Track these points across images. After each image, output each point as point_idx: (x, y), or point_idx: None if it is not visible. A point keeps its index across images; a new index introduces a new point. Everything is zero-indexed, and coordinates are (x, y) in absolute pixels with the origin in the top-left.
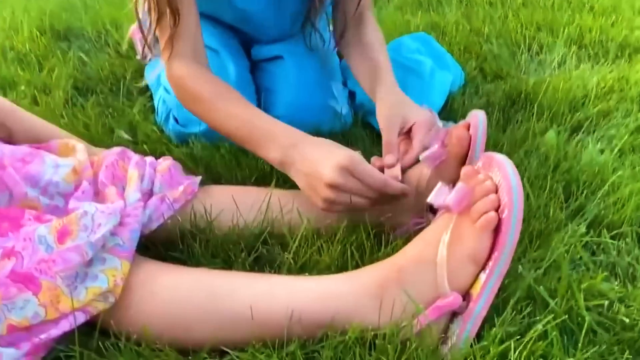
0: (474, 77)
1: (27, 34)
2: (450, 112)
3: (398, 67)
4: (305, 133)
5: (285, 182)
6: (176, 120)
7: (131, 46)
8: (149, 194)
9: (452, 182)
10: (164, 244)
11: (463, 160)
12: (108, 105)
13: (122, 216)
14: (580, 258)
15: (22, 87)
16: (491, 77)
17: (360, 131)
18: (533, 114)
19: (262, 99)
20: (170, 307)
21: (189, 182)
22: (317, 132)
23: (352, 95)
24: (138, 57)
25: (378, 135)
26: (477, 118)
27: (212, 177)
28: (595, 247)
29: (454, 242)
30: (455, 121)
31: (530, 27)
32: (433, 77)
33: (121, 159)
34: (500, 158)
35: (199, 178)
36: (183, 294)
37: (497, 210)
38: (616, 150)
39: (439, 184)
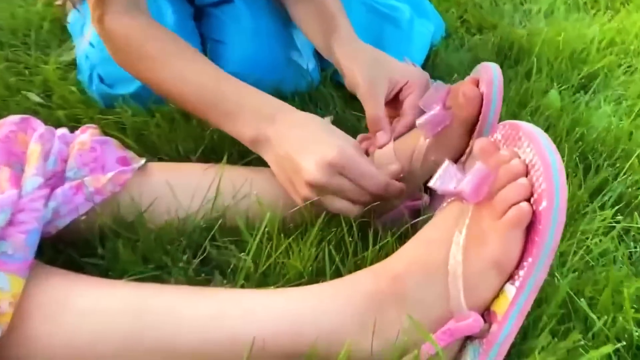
0: (456, 28)
1: None
2: (433, 68)
3: (372, 13)
4: (287, 105)
5: (242, 157)
6: (101, 79)
7: None
8: (58, 179)
9: (457, 155)
10: (77, 246)
11: (471, 127)
12: (18, 60)
13: (13, 211)
14: (616, 250)
15: None
16: (475, 29)
17: (330, 91)
18: (530, 71)
19: (207, 52)
20: (83, 340)
21: (122, 170)
22: (278, 93)
23: None
24: (60, 1)
25: (353, 97)
26: (490, 71)
27: (146, 151)
28: (624, 234)
29: (471, 244)
30: (442, 80)
31: None
32: (412, 27)
33: (22, 130)
34: (530, 128)
35: (140, 161)
36: (101, 322)
37: (529, 200)
38: (632, 113)
39: (446, 163)
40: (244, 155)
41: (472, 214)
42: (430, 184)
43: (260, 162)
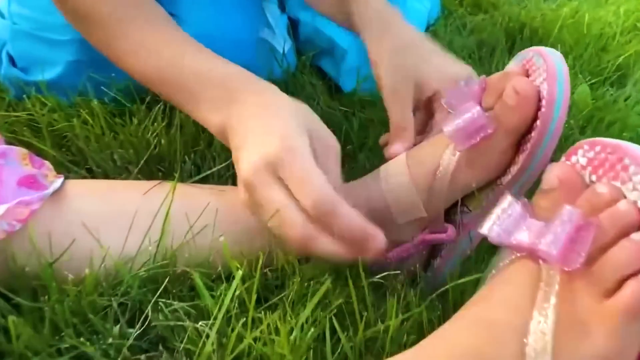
0: (451, 4)
1: None
2: None
3: None
4: (258, 80)
5: (201, 169)
6: (12, 60)
7: None
8: None
9: (495, 177)
10: None
11: (521, 138)
12: None
13: None
14: None
15: None
16: (471, 6)
17: (309, 79)
18: None
19: None
20: None
21: (23, 200)
22: None
23: (293, 27)
24: None
25: (336, 88)
26: (551, 59)
27: (69, 161)
28: None
29: (563, 336)
30: None
31: None
32: (405, 2)
33: None
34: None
35: (54, 184)
36: None
37: None
38: None
39: (508, 199)
40: (204, 165)
41: (560, 287)
42: (483, 229)
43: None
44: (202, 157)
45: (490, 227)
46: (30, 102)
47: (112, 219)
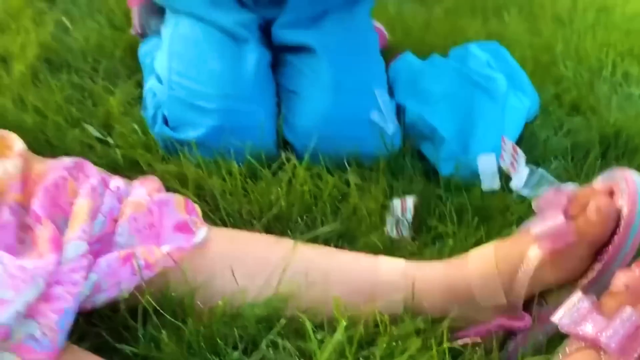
0: (550, 104)
1: None
2: (528, 150)
3: (466, 82)
4: None
5: (311, 227)
6: (166, 121)
7: (127, 16)
8: (105, 243)
9: (572, 279)
10: (112, 325)
11: (599, 247)
12: (83, 88)
13: (49, 282)
14: None
15: None
16: (568, 108)
17: (412, 162)
18: None
19: (283, 103)
20: None
21: (180, 247)
22: (355, 155)
23: (399, 111)
24: (133, 32)
25: (436, 173)
26: (633, 183)
27: (207, 206)
28: None
29: None
30: (538, 166)
31: (609, 49)
32: (507, 100)
33: (73, 177)
34: None
35: (201, 232)
36: None
37: None
38: None
39: (578, 295)
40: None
41: None
42: (555, 318)
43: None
44: (312, 219)
45: (561, 317)
46: (180, 158)
47: (242, 263)
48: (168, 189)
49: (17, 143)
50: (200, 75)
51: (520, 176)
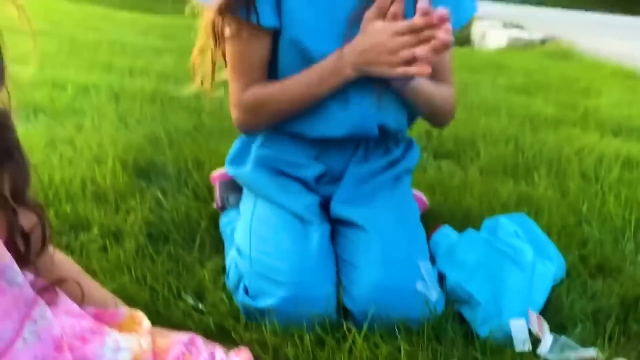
0: (575, 267)
1: (110, 167)
2: (554, 314)
3: (495, 253)
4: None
5: None
6: (246, 290)
7: (210, 190)
8: None
9: None
10: None
11: None
12: (178, 259)
13: None
14: None
15: (95, 231)
16: (594, 270)
17: (453, 327)
18: None
19: (341, 272)
20: None
21: None
22: (404, 320)
23: (440, 279)
24: (215, 205)
25: (472, 334)
26: None
27: None
28: None
29: None
30: (564, 334)
31: (633, 207)
32: (534, 269)
33: (189, 351)
34: None
35: None
36: None
37: None
38: None
39: None
40: None
41: None
42: None
43: None
44: None
45: None
46: (259, 324)
47: None
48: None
49: (145, 321)
50: (275, 252)
51: (545, 343)
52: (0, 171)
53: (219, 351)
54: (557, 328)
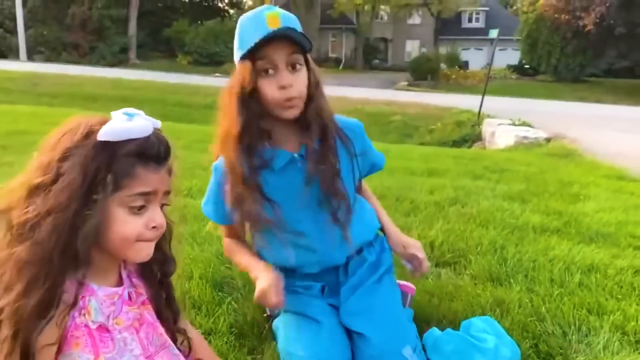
0: (529, 355)
1: (196, 282)
2: None
3: (466, 343)
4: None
5: None
6: None
7: None
8: None
9: None
10: None
11: None
12: (253, 349)
13: None
14: None
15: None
16: (544, 355)
17: None
18: None
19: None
20: None
21: None
22: None
23: None
24: (267, 312)
25: None
26: None
27: None
28: None
29: None
30: None
31: (582, 309)
32: (497, 354)
33: None
34: None
35: None
36: None
37: None
38: None
39: None
40: None
41: None
42: None
43: None
44: None
45: None
46: None
47: None
48: None
49: None
50: (298, 345)
51: None
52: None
53: None
54: None
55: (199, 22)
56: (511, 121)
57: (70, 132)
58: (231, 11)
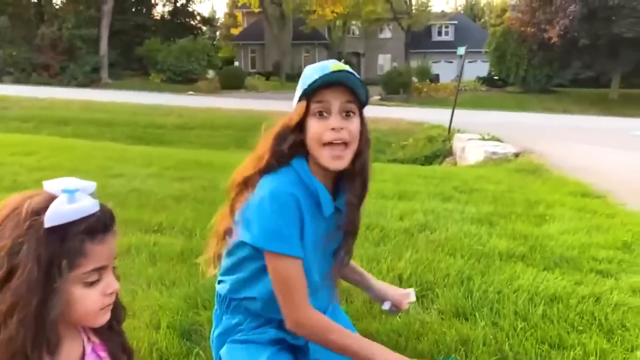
0: None
1: (163, 333)
2: None
3: None
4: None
5: None
6: None
7: None
8: None
9: None
10: None
11: None
12: None
13: None
14: None
15: None
16: None
17: None
18: None
19: None
20: None
21: None
22: None
23: None
24: None
25: None
26: None
27: None
28: None
29: None
30: None
31: (544, 343)
32: None
33: None
34: None
35: None
36: None
37: None
38: None
39: None
40: None
41: None
42: None
43: None
44: None
45: None
46: None
47: None
48: None
49: None
50: None
51: None
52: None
53: None
54: None
55: (172, 39)
56: (480, 136)
57: (13, 218)
58: (204, 28)
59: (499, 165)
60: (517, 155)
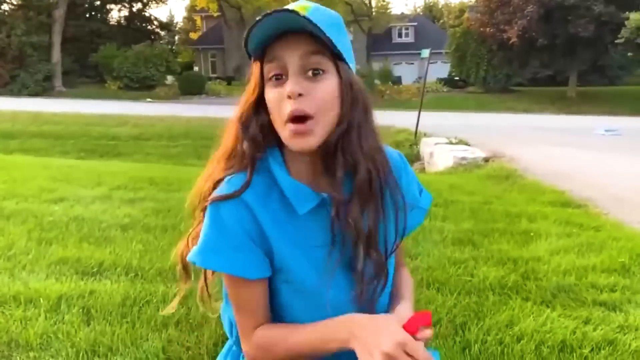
0: None
1: None
2: None
3: None
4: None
5: None
6: None
7: None
8: None
9: None
10: None
11: None
12: None
13: None
14: None
15: None
16: None
17: None
18: None
19: None
20: None
21: None
22: None
23: None
24: None
25: None
26: None
27: None
28: None
29: None
30: None
31: None
32: None
33: None
34: None
35: None
36: None
37: None
38: None
39: None
40: None
41: None
42: None
43: None
44: None
45: None
46: None
47: None
48: None
49: None
50: None
51: None
52: None
53: None
54: None
55: (129, 45)
56: (448, 140)
57: None
58: (162, 33)
59: (470, 172)
60: (486, 160)
